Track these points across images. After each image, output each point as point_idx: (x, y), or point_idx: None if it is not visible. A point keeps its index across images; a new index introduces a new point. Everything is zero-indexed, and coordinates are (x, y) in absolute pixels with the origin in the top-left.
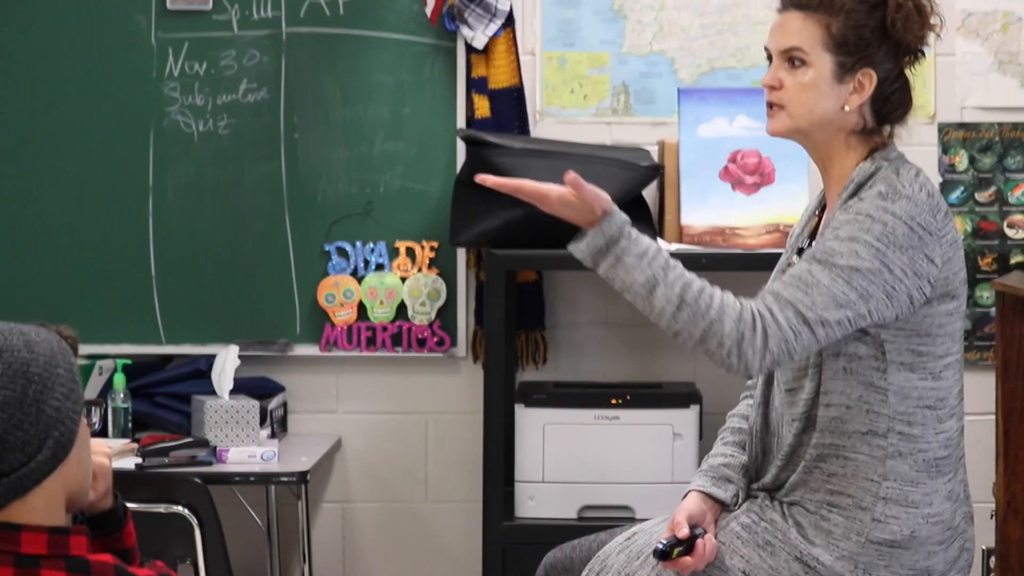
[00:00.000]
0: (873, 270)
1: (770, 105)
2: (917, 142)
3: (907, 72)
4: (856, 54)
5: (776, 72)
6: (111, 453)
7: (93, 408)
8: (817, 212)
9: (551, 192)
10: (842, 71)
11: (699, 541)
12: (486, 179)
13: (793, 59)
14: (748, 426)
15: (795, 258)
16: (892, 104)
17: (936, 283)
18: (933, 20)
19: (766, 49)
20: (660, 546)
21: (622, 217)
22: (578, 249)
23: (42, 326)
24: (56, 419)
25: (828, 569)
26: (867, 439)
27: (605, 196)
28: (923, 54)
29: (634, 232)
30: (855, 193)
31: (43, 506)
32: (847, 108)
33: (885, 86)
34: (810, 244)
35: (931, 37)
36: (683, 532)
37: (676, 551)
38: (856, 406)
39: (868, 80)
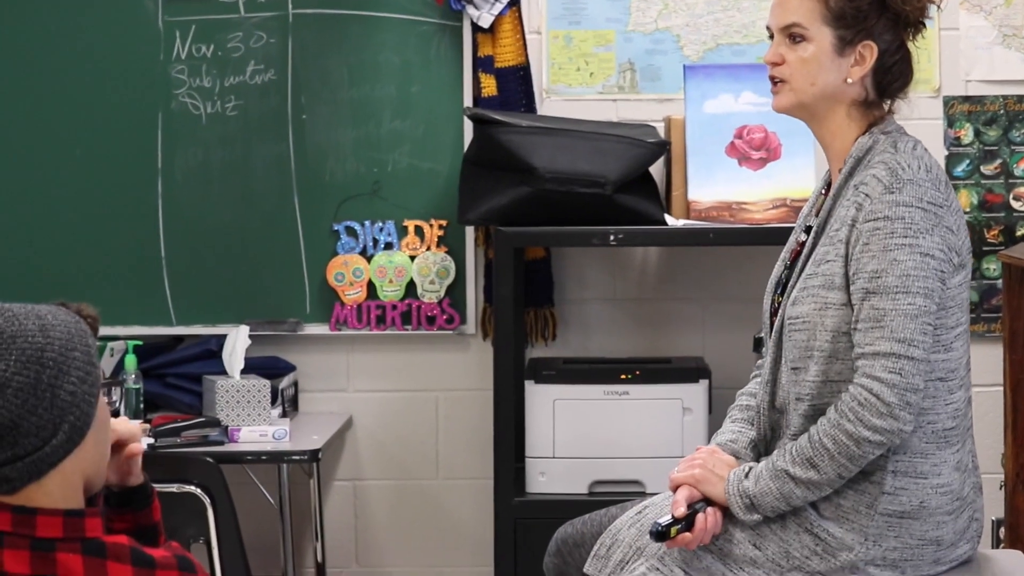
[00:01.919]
0: (919, 267)
1: (773, 81)
2: (922, 116)
3: (909, 44)
4: (855, 27)
5: (777, 48)
6: (140, 433)
7: (112, 388)
8: (823, 190)
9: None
10: (842, 44)
11: (699, 516)
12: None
13: (794, 35)
14: (756, 403)
15: (803, 235)
16: (893, 76)
17: (959, 252)
18: None
19: (768, 28)
20: (656, 527)
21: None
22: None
23: (61, 306)
24: (72, 403)
25: (838, 541)
26: None
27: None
28: (924, 26)
29: (736, 475)
30: (854, 169)
31: (59, 489)
32: (849, 80)
33: (886, 58)
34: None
35: (932, 8)
36: (679, 511)
37: (674, 530)
38: None
39: (869, 52)
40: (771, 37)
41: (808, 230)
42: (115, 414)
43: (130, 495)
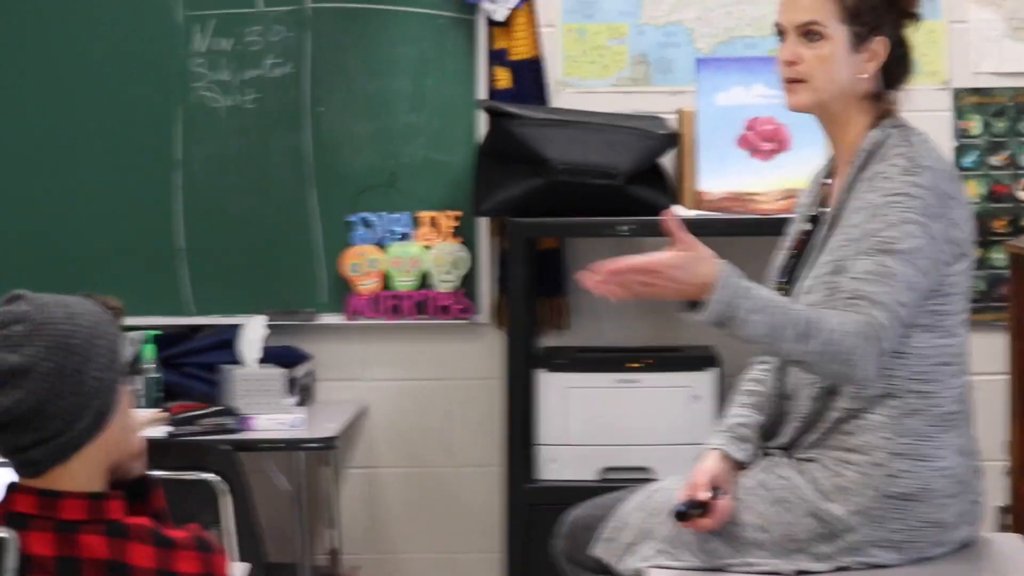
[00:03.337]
0: (924, 247)
1: (788, 80)
2: (931, 108)
3: (907, 36)
4: (870, 24)
5: (795, 48)
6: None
7: (136, 376)
8: (824, 180)
9: (660, 260)
10: (858, 41)
11: (716, 503)
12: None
13: (811, 33)
14: (764, 389)
15: (808, 225)
16: (901, 68)
17: (959, 244)
18: None
19: (777, 25)
20: (680, 507)
21: (731, 277)
22: (705, 316)
23: (87, 297)
24: (96, 389)
25: (842, 523)
26: (885, 401)
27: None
28: (920, 17)
29: (745, 283)
30: (866, 162)
31: (83, 471)
32: (863, 76)
33: (895, 51)
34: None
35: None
36: (704, 496)
37: (695, 512)
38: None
39: (882, 47)
40: (779, 34)
41: (813, 219)
42: None
43: (136, 485)
